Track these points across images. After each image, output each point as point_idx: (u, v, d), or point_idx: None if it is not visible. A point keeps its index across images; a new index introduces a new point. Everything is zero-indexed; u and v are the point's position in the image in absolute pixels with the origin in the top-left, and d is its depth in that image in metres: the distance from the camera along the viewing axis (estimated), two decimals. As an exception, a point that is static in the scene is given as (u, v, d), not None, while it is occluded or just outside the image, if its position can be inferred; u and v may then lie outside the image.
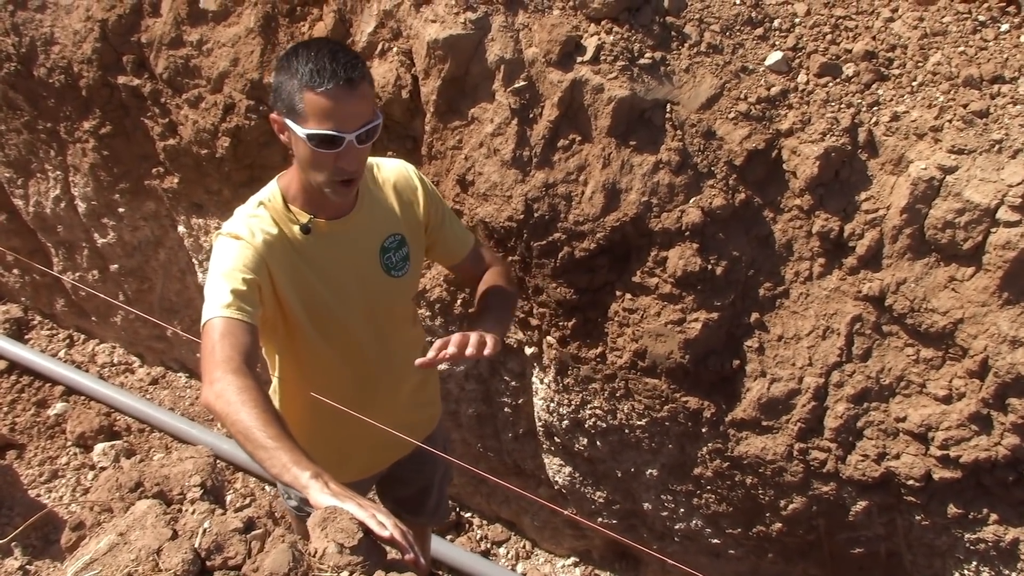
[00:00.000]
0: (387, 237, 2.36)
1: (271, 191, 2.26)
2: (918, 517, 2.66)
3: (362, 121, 2.04)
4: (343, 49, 2.04)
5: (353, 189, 2.18)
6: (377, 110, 2.10)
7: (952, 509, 2.57)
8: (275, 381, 2.53)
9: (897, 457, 2.58)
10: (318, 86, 1.96)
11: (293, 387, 2.47)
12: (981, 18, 2.43)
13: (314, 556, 1.48)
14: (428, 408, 2.82)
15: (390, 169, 2.44)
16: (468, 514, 4.41)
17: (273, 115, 2.11)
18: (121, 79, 3.65)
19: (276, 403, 2.52)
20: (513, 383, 3.49)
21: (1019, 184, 2.19)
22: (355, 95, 2.00)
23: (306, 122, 2.01)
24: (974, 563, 2.65)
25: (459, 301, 3.35)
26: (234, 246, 2.13)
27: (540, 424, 3.44)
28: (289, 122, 2.04)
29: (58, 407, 5.07)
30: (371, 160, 2.42)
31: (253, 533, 1.55)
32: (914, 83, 2.41)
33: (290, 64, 2.01)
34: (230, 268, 2.08)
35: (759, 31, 2.55)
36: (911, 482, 2.57)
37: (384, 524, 1.58)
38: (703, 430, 2.86)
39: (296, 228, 2.21)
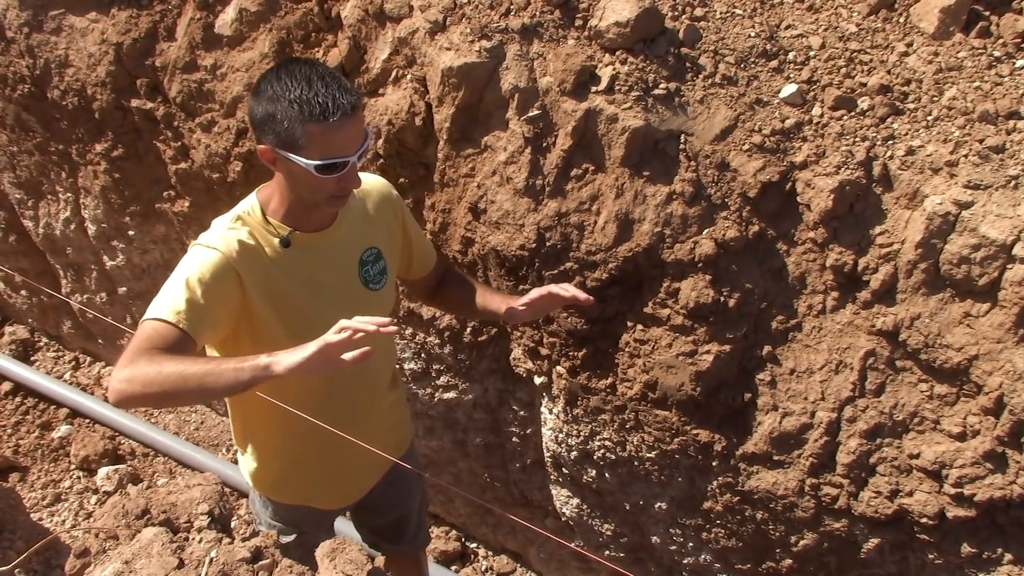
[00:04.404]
0: (365, 250, 2.38)
1: (250, 204, 2.24)
2: (931, 556, 2.62)
3: (361, 140, 2.08)
4: (331, 74, 2.02)
5: (347, 199, 2.19)
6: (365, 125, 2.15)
7: (966, 548, 2.53)
8: (230, 407, 2.49)
9: (910, 494, 2.54)
10: (325, 119, 1.95)
11: (263, 406, 2.36)
12: (996, 53, 2.43)
13: (322, 588, 1.46)
14: (400, 428, 2.82)
15: (369, 184, 2.44)
16: (474, 544, 4.37)
17: (262, 147, 2.06)
18: (134, 102, 3.67)
19: (242, 426, 2.54)
20: (522, 413, 3.46)
21: (1036, 220, 2.17)
22: (356, 119, 2.02)
23: (311, 153, 1.99)
24: (988, 604, 2.62)
25: (468, 329, 3.33)
26: (208, 256, 2.09)
27: (548, 455, 3.41)
28: (290, 155, 2.01)
29: (62, 430, 5.05)
30: None
31: (260, 563, 1.53)
32: (929, 117, 2.40)
33: (278, 94, 1.97)
34: (197, 277, 2.04)
35: (774, 63, 2.55)
36: (924, 520, 2.53)
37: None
38: (713, 464, 2.83)
39: (276, 241, 2.19)
